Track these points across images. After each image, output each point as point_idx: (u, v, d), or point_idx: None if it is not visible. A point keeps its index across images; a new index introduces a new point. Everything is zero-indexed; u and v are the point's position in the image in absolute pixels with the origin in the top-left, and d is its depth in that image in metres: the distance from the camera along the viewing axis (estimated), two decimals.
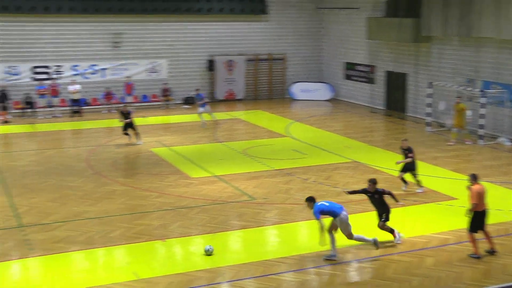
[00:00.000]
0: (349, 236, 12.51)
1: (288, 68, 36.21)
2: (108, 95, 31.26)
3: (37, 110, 30.21)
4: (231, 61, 34.64)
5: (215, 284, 11.44)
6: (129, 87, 31.65)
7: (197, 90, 28.70)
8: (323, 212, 12.23)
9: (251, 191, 17.24)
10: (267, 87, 36.11)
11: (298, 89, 35.68)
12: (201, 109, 27.24)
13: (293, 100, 35.24)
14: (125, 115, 23.46)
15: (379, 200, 13.20)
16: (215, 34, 34.47)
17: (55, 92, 30.54)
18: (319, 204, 12.32)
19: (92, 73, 32.38)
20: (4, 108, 28.66)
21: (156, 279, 11.52)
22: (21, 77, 31.11)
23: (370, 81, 32.34)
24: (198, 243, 13.54)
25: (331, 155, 21.71)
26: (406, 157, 16.90)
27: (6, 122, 28.25)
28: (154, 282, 11.40)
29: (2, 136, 25.72)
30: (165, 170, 19.64)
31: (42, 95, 30.40)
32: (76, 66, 32.02)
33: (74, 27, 31.74)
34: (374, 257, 12.61)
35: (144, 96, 32.95)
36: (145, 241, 13.53)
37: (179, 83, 33.79)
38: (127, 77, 32.11)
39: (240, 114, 30.94)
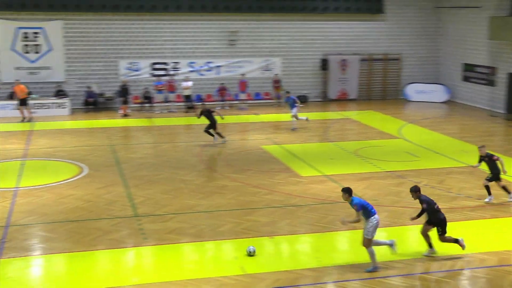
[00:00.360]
0: (368, 243, 11.82)
1: (403, 69, 35.40)
2: (222, 90, 31.93)
3: (155, 105, 31.37)
4: (345, 60, 34.34)
5: (321, 283, 11.37)
6: (243, 84, 32.15)
7: (287, 92, 28.54)
8: (363, 206, 11.77)
9: (361, 192, 16.99)
10: (380, 87, 35.50)
11: (413, 90, 34.81)
12: (294, 110, 26.64)
13: (407, 101, 34.43)
14: (205, 113, 23.13)
15: (427, 210, 12.44)
16: (329, 33, 34.30)
17: (172, 88, 31.56)
18: (359, 198, 11.96)
19: (208, 70, 33.18)
20: (125, 102, 29.97)
21: (263, 275, 11.61)
22: (141, 73, 32.42)
23: (490, 83, 30.97)
24: (305, 242, 13.53)
25: (445, 159, 21.00)
26: (489, 164, 15.98)
27: (126, 115, 29.53)
28: (261, 278, 11.49)
29: (121, 129, 26.91)
30: (275, 168, 19.77)
31: (159, 91, 31.50)
32: (192, 63, 32.95)
33: (192, 25, 32.65)
34: (490, 266, 12.06)
35: (257, 94, 33.34)
36: (253, 237, 13.66)
37: (292, 81, 33.89)
38: (242, 74, 32.62)
39: (352, 114, 30.60)
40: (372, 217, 11.77)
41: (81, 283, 11.24)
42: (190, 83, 31.00)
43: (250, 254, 12.47)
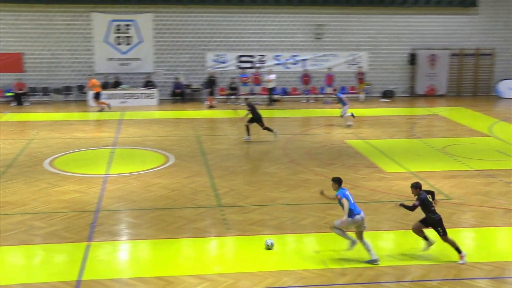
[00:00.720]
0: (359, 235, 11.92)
1: (496, 64, 34.18)
2: (305, 77, 31.87)
3: (240, 97, 31.66)
4: (434, 55, 33.51)
5: (403, 282, 11.16)
6: (329, 78, 31.93)
7: (334, 89, 28.03)
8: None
9: (447, 190, 16.55)
10: (471, 83, 34.43)
11: (506, 87, 33.52)
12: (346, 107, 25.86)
13: (499, 98, 33.20)
14: (249, 107, 22.54)
15: (423, 208, 11.92)
16: (418, 27, 33.55)
17: (257, 81, 31.75)
18: (345, 192, 11.87)
19: (293, 63, 33.17)
20: (211, 94, 30.41)
21: (344, 270, 11.51)
22: (227, 65, 32.81)
23: None
24: (388, 239, 13.32)
25: None
26: None
27: (211, 107, 29.97)
28: (342, 273, 11.40)
29: (207, 120, 27.33)
30: (359, 163, 19.55)
31: (245, 83, 31.74)
32: (278, 56, 33.03)
33: (279, 18, 32.73)
34: None
35: (343, 88, 33.04)
36: None
37: (378, 76, 33.42)
38: (329, 68, 32.38)
39: (441, 110, 29.81)
40: (350, 218, 11.68)
41: (165, 269, 11.51)
42: (273, 76, 31.09)
43: (268, 247, 12.42)
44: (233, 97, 31.88)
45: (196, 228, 13.66)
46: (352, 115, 25.36)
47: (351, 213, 11.70)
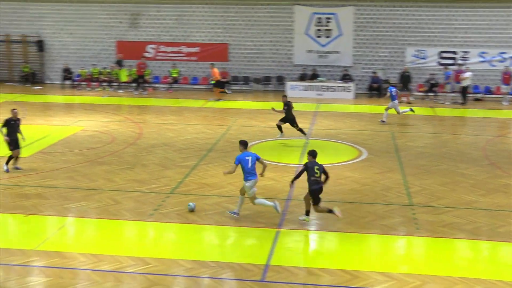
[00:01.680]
0: (252, 200, 13.44)
1: None
2: (506, 75, 29.84)
3: (439, 94, 30.57)
4: None
5: None
6: None
7: (388, 83, 25.32)
8: (240, 161, 13.10)
9: None
10: None
11: None
12: (391, 104, 24.29)
13: None
14: (284, 104, 20.82)
15: (307, 174, 13.01)
16: None
17: (458, 78, 30.39)
18: (245, 156, 13.14)
19: (500, 61, 31.27)
20: (407, 90, 29.71)
21: None
22: (427, 61, 31.82)
23: None
24: None
25: None
26: None
27: (408, 103, 29.29)
28: None
29: (403, 116, 26.69)
30: None
31: (448, 82, 30.51)
32: (483, 53, 31.34)
33: (487, 12, 31.15)
34: None
35: None
36: None
37: None
38: None
39: None
40: (246, 182, 13.13)
41: (351, 263, 11.50)
42: (468, 74, 29.51)
43: (191, 209, 13.83)
44: (431, 94, 30.87)
45: (385, 225, 13.46)
46: (395, 113, 24.72)
47: (246, 177, 13.11)
